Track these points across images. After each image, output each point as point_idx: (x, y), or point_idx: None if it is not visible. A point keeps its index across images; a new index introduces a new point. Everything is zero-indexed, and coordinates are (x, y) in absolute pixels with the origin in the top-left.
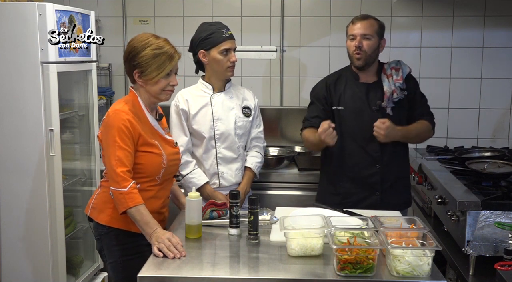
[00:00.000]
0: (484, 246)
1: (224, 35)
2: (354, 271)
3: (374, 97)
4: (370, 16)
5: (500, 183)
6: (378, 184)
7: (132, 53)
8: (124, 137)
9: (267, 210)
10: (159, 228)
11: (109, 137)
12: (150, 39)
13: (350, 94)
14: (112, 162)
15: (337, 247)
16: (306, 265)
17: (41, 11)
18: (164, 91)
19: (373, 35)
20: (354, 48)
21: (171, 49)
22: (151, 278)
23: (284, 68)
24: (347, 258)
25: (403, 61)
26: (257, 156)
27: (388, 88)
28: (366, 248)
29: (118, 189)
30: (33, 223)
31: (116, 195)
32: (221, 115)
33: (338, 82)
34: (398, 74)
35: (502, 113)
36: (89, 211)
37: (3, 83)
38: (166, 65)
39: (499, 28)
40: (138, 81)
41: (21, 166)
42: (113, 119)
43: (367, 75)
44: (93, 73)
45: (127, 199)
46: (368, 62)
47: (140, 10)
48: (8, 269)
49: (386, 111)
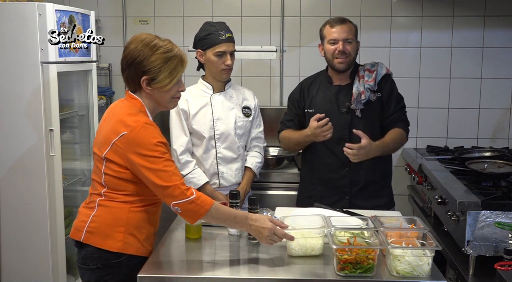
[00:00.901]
0: (484, 246)
1: (220, 38)
2: (354, 271)
3: (344, 100)
4: (346, 19)
5: (500, 183)
6: (347, 187)
7: (138, 58)
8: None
9: (267, 210)
10: (249, 218)
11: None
12: (156, 41)
13: (321, 97)
14: (170, 177)
15: (337, 247)
16: (306, 265)
17: (41, 11)
18: (174, 99)
19: (353, 38)
20: (337, 52)
21: (180, 51)
22: (151, 278)
23: (284, 68)
24: (347, 258)
25: (383, 64)
26: (257, 156)
27: (356, 90)
28: (366, 248)
29: (185, 200)
30: (33, 223)
31: (185, 206)
32: (221, 115)
33: (312, 86)
34: (370, 76)
35: (502, 113)
36: (83, 235)
37: (3, 83)
38: (178, 71)
39: (499, 28)
40: (146, 89)
41: (21, 166)
42: (143, 134)
43: (341, 78)
44: (93, 73)
45: (200, 203)
46: (350, 65)
47: (140, 10)
48: (8, 269)
49: (355, 114)
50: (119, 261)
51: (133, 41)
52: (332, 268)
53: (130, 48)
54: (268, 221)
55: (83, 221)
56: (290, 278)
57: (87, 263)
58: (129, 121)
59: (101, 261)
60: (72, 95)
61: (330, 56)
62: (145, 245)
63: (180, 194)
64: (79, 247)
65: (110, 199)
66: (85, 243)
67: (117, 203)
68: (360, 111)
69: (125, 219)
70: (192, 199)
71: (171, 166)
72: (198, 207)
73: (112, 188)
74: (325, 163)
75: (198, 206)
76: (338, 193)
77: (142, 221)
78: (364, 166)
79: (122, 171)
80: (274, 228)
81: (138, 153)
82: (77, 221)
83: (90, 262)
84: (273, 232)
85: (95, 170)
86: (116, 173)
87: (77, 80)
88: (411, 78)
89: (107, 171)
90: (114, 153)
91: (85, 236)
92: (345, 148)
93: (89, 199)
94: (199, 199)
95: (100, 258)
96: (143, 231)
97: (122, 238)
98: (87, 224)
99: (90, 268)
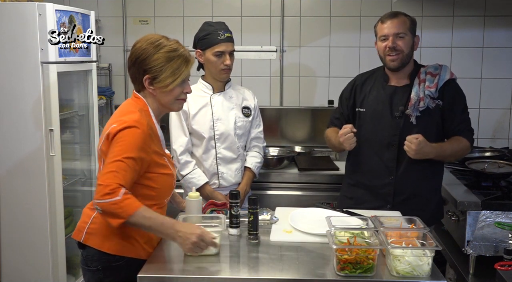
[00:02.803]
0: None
1: (219, 38)
2: (354, 271)
3: (399, 103)
4: (400, 12)
5: (500, 183)
6: (390, 196)
7: (141, 56)
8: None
9: (267, 210)
10: (175, 222)
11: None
12: (162, 41)
13: (374, 97)
14: (110, 177)
15: (337, 247)
16: (306, 265)
17: (41, 11)
18: (178, 101)
19: (406, 32)
20: (387, 49)
21: (186, 52)
22: (151, 278)
23: (284, 68)
24: (347, 258)
25: (447, 67)
26: (257, 156)
27: (415, 95)
28: (366, 248)
29: (107, 200)
30: (33, 223)
31: (106, 207)
32: (221, 115)
33: (366, 83)
34: (432, 81)
35: (502, 113)
36: (83, 236)
37: (3, 83)
38: (182, 70)
39: (499, 28)
40: (149, 88)
41: (21, 166)
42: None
43: (398, 78)
44: (93, 73)
45: (124, 206)
46: (404, 63)
47: (140, 10)
48: (8, 269)
49: (409, 120)
50: (119, 264)
51: (140, 40)
52: (332, 268)
53: (136, 46)
54: (197, 228)
55: (84, 221)
56: (290, 278)
57: (88, 264)
58: (122, 117)
59: (101, 263)
60: (72, 95)
61: (382, 54)
62: (146, 248)
63: (105, 195)
64: (81, 247)
65: None
66: (86, 244)
67: None
68: (416, 118)
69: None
70: (116, 201)
71: (117, 167)
72: (120, 210)
73: None
74: (370, 168)
75: (121, 208)
76: (380, 200)
77: None
78: (411, 177)
79: None
80: (203, 234)
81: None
82: (80, 221)
83: (91, 263)
84: (201, 238)
85: (99, 169)
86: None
87: (77, 80)
88: None
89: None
90: (105, 146)
91: (85, 237)
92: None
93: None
94: (124, 201)
95: (100, 260)
96: (143, 233)
97: (120, 241)
98: (88, 224)
99: (91, 270)
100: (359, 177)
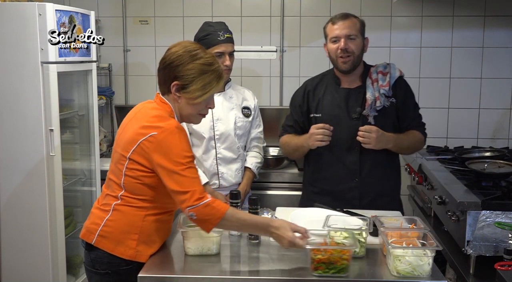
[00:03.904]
0: (484, 246)
1: (218, 38)
2: (327, 271)
3: (355, 104)
4: (350, 14)
5: (500, 183)
6: (356, 200)
7: (175, 62)
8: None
9: (267, 210)
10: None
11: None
12: (199, 51)
13: (329, 101)
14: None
15: (311, 247)
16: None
17: (41, 11)
18: (199, 115)
19: (357, 34)
20: (339, 51)
21: (220, 68)
22: (151, 278)
23: (284, 68)
24: (321, 258)
25: (394, 65)
26: (257, 156)
27: (371, 95)
28: (341, 249)
29: (200, 204)
30: (33, 223)
31: (200, 210)
32: (221, 115)
33: (318, 87)
34: (384, 80)
35: (502, 113)
36: (95, 239)
37: (3, 83)
38: (212, 86)
39: (499, 28)
40: (174, 94)
41: (21, 166)
42: (173, 139)
43: (350, 80)
44: (93, 73)
45: (216, 206)
46: (355, 65)
47: (140, 10)
48: (8, 269)
49: (367, 120)
50: (129, 268)
51: (177, 45)
52: None
53: (171, 50)
54: (289, 231)
55: (96, 223)
56: (290, 278)
57: (96, 267)
58: (160, 123)
59: (111, 267)
60: (72, 95)
61: (333, 55)
62: None
63: (196, 200)
64: (89, 249)
65: (127, 203)
66: (96, 246)
67: (133, 209)
68: (373, 118)
69: (140, 226)
70: (207, 202)
71: (192, 173)
72: (214, 211)
73: (130, 191)
74: (334, 174)
75: (214, 209)
76: (347, 205)
77: (155, 230)
78: (375, 177)
79: (144, 174)
80: (293, 239)
81: (162, 154)
82: (90, 222)
83: (99, 266)
84: (293, 243)
85: (114, 170)
86: (137, 175)
87: (77, 80)
88: (411, 78)
89: (128, 172)
90: (138, 154)
91: (97, 239)
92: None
93: (103, 199)
94: (215, 202)
95: (109, 263)
96: (156, 239)
97: (135, 246)
98: (100, 227)
99: (99, 273)
100: (323, 184)
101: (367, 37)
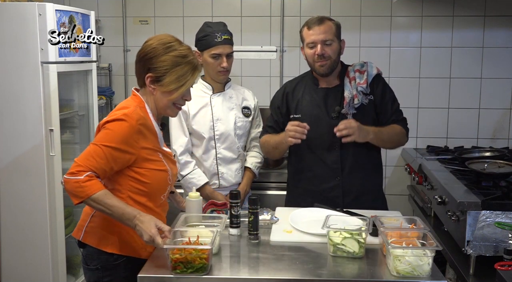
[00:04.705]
0: (484, 246)
1: (216, 40)
2: (185, 270)
3: (334, 103)
4: (325, 17)
5: (500, 183)
6: (339, 198)
7: (149, 54)
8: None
9: (267, 210)
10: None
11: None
12: (173, 43)
13: (308, 101)
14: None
15: (167, 246)
16: (306, 265)
17: (41, 11)
18: (174, 106)
19: (333, 39)
20: (316, 57)
21: (195, 60)
22: (151, 278)
23: (284, 68)
24: (178, 257)
25: (371, 63)
26: (257, 156)
27: (349, 93)
28: (201, 248)
29: (72, 178)
30: (33, 223)
31: (70, 184)
32: (221, 115)
33: (296, 88)
34: (362, 78)
35: (502, 113)
36: (82, 235)
37: (3, 83)
38: (187, 78)
39: (499, 28)
40: (149, 87)
41: (21, 166)
42: (114, 125)
43: (328, 80)
44: (93, 73)
45: (85, 186)
46: (333, 68)
47: (140, 10)
48: (8, 269)
49: (347, 118)
50: (118, 263)
51: (153, 38)
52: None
53: (146, 43)
54: (153, 228)
55: (84, 220)
56: (290, 278)
57: (88, 263)
58: (116, 112)
59: (101, 262)
60: (72, 95)
61: (310, 60)
62: (145, 246)
63: (72, 173)
64: (81, 246)
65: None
66: (84, 242)
67: None
68: (352, 116)
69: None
70: (78, 179)
71: (96, 154)
72: (81, 189)
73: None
74: (316, 173)
75: (81, 188)
76: (330, 204)
77: None
78: (357, 175)
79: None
80: (154, 236)
81: (100, 134)
82: (80, 220)
83: (91, 262)
84: (153, 240)
85: None
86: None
87: (77, 80)
88: (411, 78)
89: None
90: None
91: (84, 235)
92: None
93: None
94: (88, 181)
95: (99, 259)
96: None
97: (118, 239)
98: (87, 223)
99: (91, 269)
100: (306, 184)
101: (343, 39)
